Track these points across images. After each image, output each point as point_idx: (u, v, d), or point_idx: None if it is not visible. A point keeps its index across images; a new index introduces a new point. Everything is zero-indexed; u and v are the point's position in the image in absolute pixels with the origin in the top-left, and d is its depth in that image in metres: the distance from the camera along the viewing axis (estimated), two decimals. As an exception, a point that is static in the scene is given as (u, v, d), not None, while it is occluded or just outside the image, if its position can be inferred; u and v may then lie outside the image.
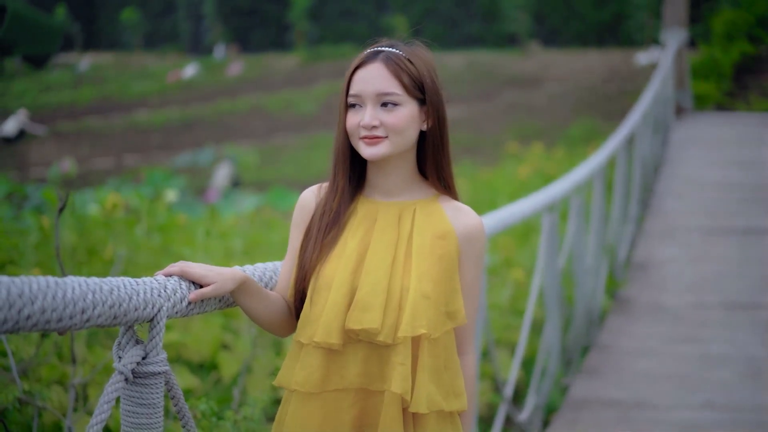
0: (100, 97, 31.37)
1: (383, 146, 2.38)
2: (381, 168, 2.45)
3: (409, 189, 2.47)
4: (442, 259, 2.40)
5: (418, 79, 2.40)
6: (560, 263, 6.52)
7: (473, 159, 18.12)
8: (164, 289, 2.09)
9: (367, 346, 2.36)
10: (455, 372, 2.41)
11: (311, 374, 2.36)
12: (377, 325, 2.32)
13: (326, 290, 2.38)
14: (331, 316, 2.35)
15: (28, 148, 24.98)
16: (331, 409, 2.38)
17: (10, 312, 1.60)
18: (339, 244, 2.43)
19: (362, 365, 2.36)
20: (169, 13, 48.24)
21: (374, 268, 2.38)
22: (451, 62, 29.33)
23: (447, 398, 2.39)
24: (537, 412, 5.90)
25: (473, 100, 25.06)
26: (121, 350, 2.03)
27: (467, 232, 2.44)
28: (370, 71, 2.38)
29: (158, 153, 23.41)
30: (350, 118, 2.41)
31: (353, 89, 2.40)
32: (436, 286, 2.37)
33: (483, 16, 35.49)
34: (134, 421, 2.03)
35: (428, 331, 2.34)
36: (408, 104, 2.39)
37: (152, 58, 40.45)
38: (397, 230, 2.43)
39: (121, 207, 10.74)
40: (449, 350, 2.41)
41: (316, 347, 2.36)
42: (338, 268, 2.39)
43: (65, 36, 42.98)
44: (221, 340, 5.88)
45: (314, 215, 2.48)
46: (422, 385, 2.35)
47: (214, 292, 2.26)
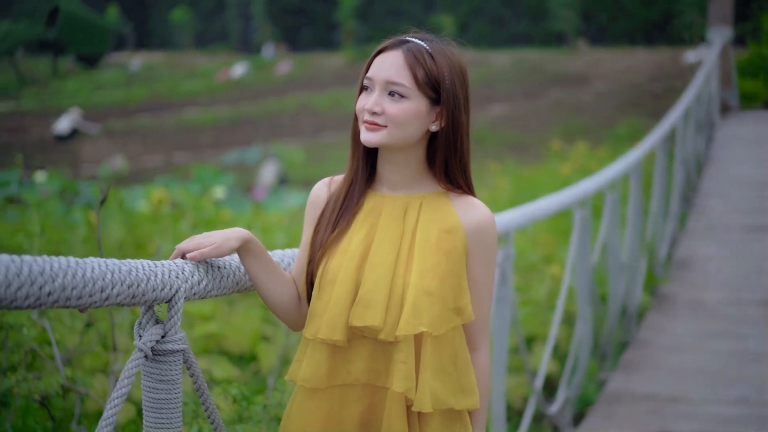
0: (151, 96, 31.71)
1: (380, 135, 2.32)
2: (388, 160, 2.40)
3: (417, 183, 2.41)
4: (448, 254, 2.33)
5: (434, 77, 2.32)
6: (593, 259, 6.56)
7: (517, 157, 18.13)
8: (182, 272, 2.20)
9: (373, 341, 2.32)
10: (465, 369, 2.35)
11: (317, 370, 2.33)
12: (378, 323, 2.28)
13: (331, 285, 2.33)
14: (335, 313, 2.31)
15: (81, 146, 25.34)
16: (336, 405, 2.35)
17: (32, 288, 1.72)
18: (345, 238, 2.38)
19: (368, 361, 2.33)
20: (220, 13, 48.60)
21: (377, 264, 2.33)
22: (497, 61, 29.30)
23: (456, 396, 2.33)
24: (568, 406, 5.95)
25: (519, 99, 25.03)
26: (141, 329, 2.14)
27: (475, 227, 2.37)
28: (388, 58, 2.33)
29: (207, 151, 23.65)
30: (360, 100, 2.37)
31: (369, 72, 2.35)
32: (441, 282, 2.31)
33: (530, 14, 35.41)
34: (154, 397, 2.15)
35: (430, 328, 2.28)
36: (415, 99, 2.31)
37: (202, 58, 40.79)
38: (402, 224, 2.37)
39: (168, 202, 10.94)
40: (458, 346, 2.34)
41: (321, 343, 2.33)
42: (343, 263, 2.34)
43: (117, 36, 43.48)
44: (261, 332, 6.00)
45: (326, 207, 2.44)
46: (425, 383, 2.29)
47: (215, 251, 2.25)
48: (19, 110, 31.24)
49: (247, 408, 3.30)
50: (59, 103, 30.52)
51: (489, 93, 25.45)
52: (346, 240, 2.38)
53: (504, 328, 4.57)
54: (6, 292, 1.67)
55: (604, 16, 34.27)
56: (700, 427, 5.64)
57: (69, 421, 4.64)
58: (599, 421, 5.78)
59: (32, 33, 38.15)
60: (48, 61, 39.74)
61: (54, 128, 26.60)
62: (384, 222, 2.38)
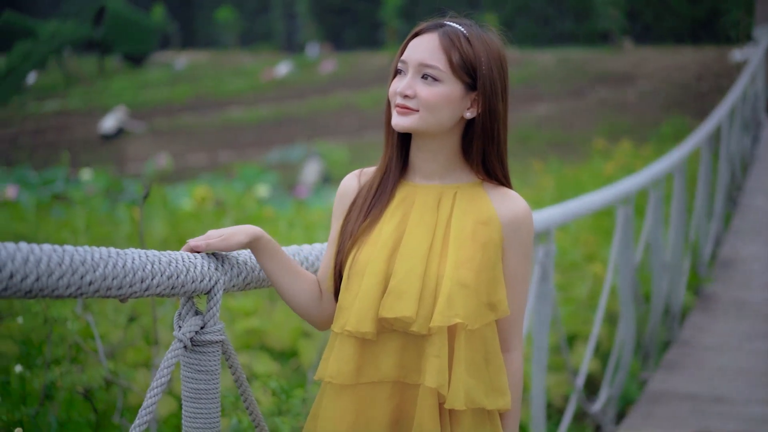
0: (195, 95, 31.91)
1: (411, 119, 2.23)
2: (421, 148, 2.30)
3: (451, 173, 2.31)
4: (484, 246, 2.24)
5: (471, 62, 2.22)
6: (636, 258, 6.52)
7: (561, 156, 18.05)
8: (221, 264, 2.22)
9: (403, 336, 2.22)
10: (498, 368, 2.25)
11: (345, 365, 2.23)
12: (411, 314, 2.18)
13: (360, 277, 2.24)
14: (365, 304, 2.21)
15: (126, 145, 25.57)
16: (366, 403, 2.25)
17: (73, 277, 1.75)
18: (376, 228, 2.29)
19: (398, 356, 2.23)
20: (264, 12, 48.81)
21: (410, 254, 2.23)
22: (542, 60, 29.18)
23: (488, 395, 2.23)
24: (610, 404, 5.93)
25: (563, 98, 24.92)
26: (181, 320, 2.17)
27: (512, 219, 2.28)
28: (423, 40, 2.25)
29: (251, 149, 23.76)
30: (393, 83, 2.28)
31: (404, 55, 2.27)
32: (476, 275, 2.21)
33: (575, 13, 35.21)
34: (193, 387, 2.17)
35: (465, 321, 2.19)
36: (450, 83, 2.22)
37: (247, 57, 40.97)
38: (435, 215, 2.27)
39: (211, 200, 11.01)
40: (491, 344, 2.25)
41: (349, 337, 2.23)
42: (373, 253, 2.25)
43: (163, 35, 43.81)
44: (302, 328, 6.02)
45: (357, 197, 2.36)
46: (459, 379, 2.19)
47: (222, 243, 2.19)
48: (65, 109, 31.58)
49: (286, 401, 3.33)
50: (105, 102, 30.80)
51: (533, 92, 25.35)
52: (376, 230, 2.29)
53: (545, 326, 4.56)
54: (48, 281, 1.70)
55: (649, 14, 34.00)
56: (742, 427, 5.59)
57: (111, 414, 4.68)
58: (640, 420, 5.75)
59: (79, 32, 38.52)
60: (94, 61, 40.11)
61: (100, 127, 26.86)
62: (417, 212, 2.28)
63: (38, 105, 32.95)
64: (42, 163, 22.73)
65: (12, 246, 1.65)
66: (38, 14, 46.26)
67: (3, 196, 12.53)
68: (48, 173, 19.73)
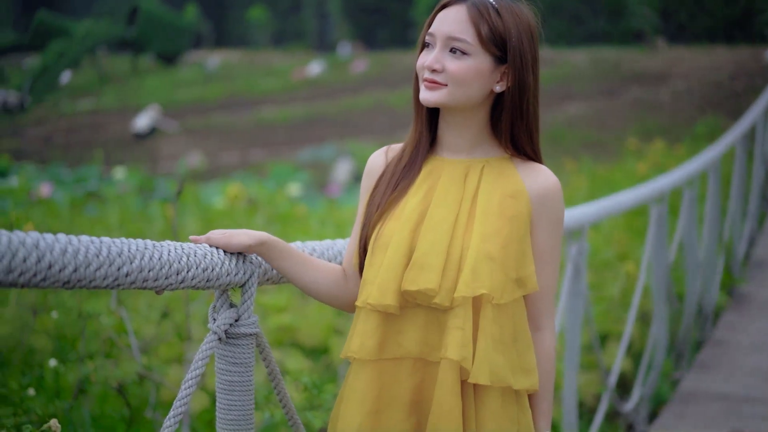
0: (228, 94, 32.04)
1: (440, 94, 2.19)
2: (449, 123, 2.26)
3: (479, 147, 2.27)
4: (512, 220, 2.18)
5: (500, 35, 2.17)
6: (669, 257, 6.49)
7: (594, 156, 17.97)
8: (255, 257, 2.23)
9: (427, 311, 2.17)
10: (526, 346, 2.19)
11: (367, 340, 2.18)
12: (434, 286, 2.13)
13: (384, 250, 2.20)
14: (387, 277, 2.16)
15: (159, 143, 25.71)
16: (388, 380, 2.19)
17: (110, 268, 1.76)
18: (401, 202, 2.24)
19: (421, 332, 2.18)
20: (296, 12, 48.96)
21: (434, 227, 2.18)
22: (575, 59, 29.07)
23: (515, 374, 2.17)
24: (643, 404, 5.90)
25: (596, 97, 24.81)
26: (215, 312, 2.18)
27: (541, 193, 2.22)
28: (451, 12, 2.19)
29: (283, 148, 23.83)
30: (421, 57, 2.24)
31: (431, 28, 2.22)
32: (503, 248, 2.16)
33: (609, 12, 35.06)
34: (227, 379, 2.18)
35: (490, 293, 2.13)
36: (478, 56, 2.17)
37: (279, 56, 41.09)
38: (462, 188, 2.23)
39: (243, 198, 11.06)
40: (519, 321, 2.19)
41: (372, 311, 2.18)
42: (397, 227, 2.20)
43: (196, 34, 44.02)
44: (333, 325, 6.04)
45: (385, 171, 2.32)
46: (484, 353, 2.13)
47: (223, 239, 2.14)
48: (99, 108, 31.80)
49: (318, 396, 3.34)
50: (138, 101, 30.99)
51: (566, 91, 25.26)
52: (402, 204, 2.25)
53: (577, 324, 4.55)
54: (86, 272, 1.71)
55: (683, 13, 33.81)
56: (777, 427, 5.55)
57: (144, 409, 4.72)
58: (673, 419, 5.72)
59: (113, 32, 38.80)
60: (128, 60, 40.37)
61: (133, 126, 27.03)
62: (443, 185, 2.24)
63: (72, 104, 33.21)
64: (76, 161, 22.92)
65: (50, 237, 1.66)
66: (72, 14, 46.63)
67: (38, 194, 12.64)
68: (82, 171, 19.87)
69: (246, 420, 2.19)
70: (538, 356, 2.24)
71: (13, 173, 17.39)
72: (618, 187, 12.43)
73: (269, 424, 3.84)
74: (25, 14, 47.85)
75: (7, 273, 1.56)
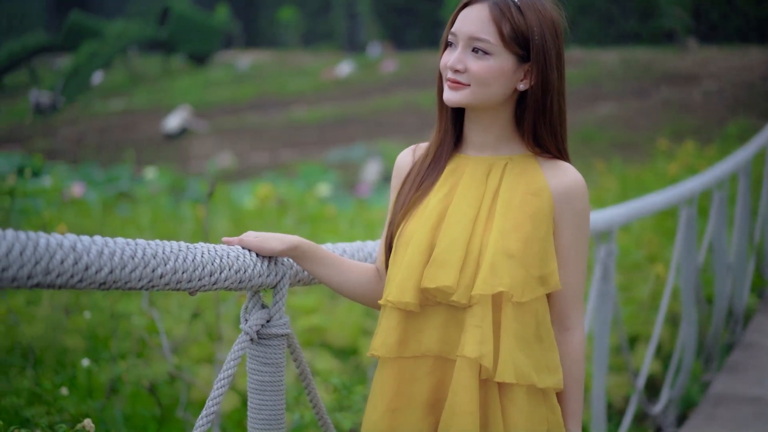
0: (258, 95, 32.15)
1: (463, 94, 2.18)
2: (474, 121, 2.26)
3: (504, 145, 2.26)
4: (533, 217, 2.17)
5: (523, 33, 2.15)
6: (699, 259, 6.47)
7: (624, 156, 17.92)
8: (287, 258, 2.27)
9: (447, 309, 2.17)
10: (549, 345, 2.18)
11: (387, 337, 2.19)
12: (451, 283, 2.13)
13: (405, 248, 2.20)
14: (407, 275, 2.16)
15: (190, 143, 25.85)
16: (407, 378, 2.19)
17: (145, 270, 1.80)
18: (425, 200, 2.25)
19: (441, 331, 2.17)
20: (326, 12, 49.04)
21: (454, 224, 2.18)
22: (605, 59, 28.98)
23: (540, 372, 2.15)
24: (672, 406, 5.89)
25: (627, 98, 24.71)
26: (247, 313, 2.21)
27: (564, 190, 2.20)
28: (473, 11, 2.18)
29: (312, 148, 23.90)
30: (444, 56, 2.23)
31: (454, 27, 2.21)
32: (524, 246, 2.14)
33: (639, 12, 34.90)
34: (259, 379, 2.22)
35: (510, 290, 2.12)
36: (501, 56, 2.16)
37: (309, 56, 41.18)
38: (484, 185, 2.22)
39: (273, 199, 11.10)
40: (542, 320, 2.17)
41: (393, 309, 2.19)
42: (419, 224, 2.21)
43: (226, 35, 44.19)
44: (362, 326, 6.07)
45: (411, 170, 2.32)
46: (508, 351, 2.11)
47: (256, 243, 2.16)
48: (130, 108, 32.00)
49: (347, 397, 3.37)
50: (169, 101, 31.16)
51: (596, 92, 25.18)
52: (425, 202, 2.25)
53: (605, 326, 4.55)
54: (121, 274, 1.75)
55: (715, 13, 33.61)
56: (807, 431, 5.53)
57: (175, 408, 4.76)
58: (702, 422, 5.70)
59: (144, 32, 39.04)
60: (159, 60, 40.58)
61: (164, 126, 27.18)
62: (465, 182, 2.23)
63: (104, 104, 33.43)
64: (108, 161, 23.09)
65: (87, 239, 1.70)
66: (104, 14, 46.94)
67: (70, 193, 12.74)
68: (113, 171, 20.02)
69: (277, 420, 2.22)
70: (568, 356, 2.23)
71: (46, 173, 17.54)
72: (648, 188, 12.39)
73: (299, 425, 3.87)
74: (58, 15, 48.24)
75: (45, 274, 1.59)
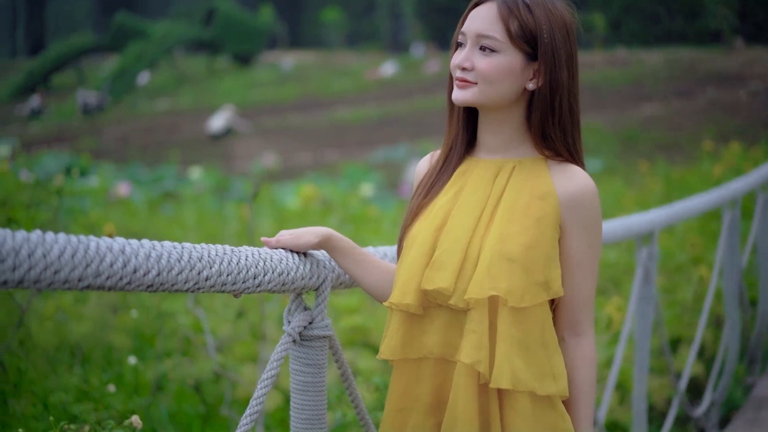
0: (302, 95, 32.30)
1: (470, 92, 2.14)
2: (485, 123, 2.22)
3: (515, 148, 2.21)
4: (538, 221, 2.11)
5: (531, 31, 2.11)
6: (743, 261, 6.44)
7: (669, 157, 17.82)
8: (329, 261, 2.31)
9: (449, 312, 2.14)
10: (554, 351, 2.12)
11: (391, 339, 2.18)
12: (447, 285, 2.10)
13: (409, 249, 2.18)
14: (409, 276, 2.14)
15: (234, 143, 26.03)
16: (411, 380, 2.18)
17: (191, 273, 1.84)
18: (433, 202, 2.23)
19: (443, 333, 2.14)
20: (370, 12, 49.15)
21: (456, 226, 2.15)
22: (650, 59, 28.82)
23: (542, 380, 2.10)
24: (714, 409, 5.87)
25: (672, 98, 24.57)
26: (290, 315, 2.26)
27: (572, 196, 2.14)
28: (482, 10, 2.16)
29: (356, 149, 23.98)
30: (454, 56, 2.19)
31: (463, 27, 2.19)
32: (526, 250, 2.09)
33: (685, 12, 34.67)
34: (301, 380, 2.26)
35: (507, 296, 2.06)
36: (508, 54, 2.12)
37: (352, 57, 41.29)
38: (490, 188, 2.18)
39: (317, 199, 11.18)
40: (546, 326, 2.12)
41: (397, 311, 2.17)
42: (423, 227, 2.18)
43: (271, 35, 44.42)
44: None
45: (425, 176, 2.30)
46: (504, 356, 2.07)
47: (292, 241, 2.18)
48: (175, 108, 32.28)
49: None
50: (214, 102, 31.39)
51: (640, 92, 25.06)
52: (432, 204, 2.23)
53: (647, 328, 4.55)
54: (168, 276, 1.79)
55: (761, 13, 33.29)
56: None
57: (219, 406, 4.82)
58: (745, 425, 5.68)
59: (190, 33, 39.34)
60: (204, 60, 40.88)
61: (209, 126, 27.38)
62: (471, 184, 2.20)
63: (149, 104, 33.75)
64: (153, 161, 23.31)
65: (135, 242, 1.75)
66: (150, 15, 47.35)
67: (116, 193, 12.90)
68: (159, 171, 20.22)
69: (318, 419, 2.27)
70: (577, 362, 2.17)
71: (93, 172, 17.75)
72: (693, 189, 12.31)
73: (342, 423, 3.92)
74: (105, 16, 48.74)
75: (96, 277, 1.64)
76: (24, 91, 38.25)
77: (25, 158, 18.17)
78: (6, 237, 1.47)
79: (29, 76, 39.27)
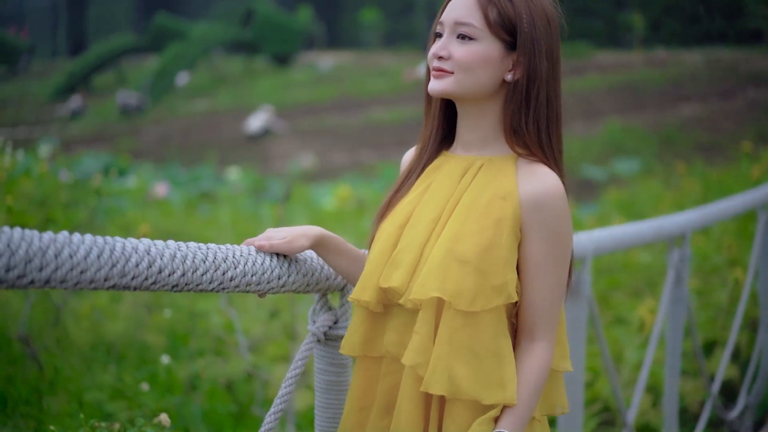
0: (339, 95, 32.36)
1: (446, 82, 2.08)
2: (463, 118, 2.15)
3: (491, 145, 2.13)
4: (498, 222, 2.02)
5: (510, 19, 2.05)
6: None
7: (707, 158, 17.69)
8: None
9: (407, 311, 2.07)
10: (506, 359, 2.01)
11: (351, 336, 2.14)
12: (399, 284, 2.04)
13: (375, 246, 2.14)
14: (369, 273, 2.09)
15: (271, 144, 26.13)
16: (371, 377, 2.14)
17: (216, 273, 1.88)
18: (402, 199, 2.18)
19: (400, 332, 2.08)
20: (407, 13, 49.14)
21: (416, 224, 2.09)
22: (689, 59, 28.62)
23: (489, 388, 1.99)
24: (748, 412, 5.84)
25: (711, 99, 24.37)
26: (315, 315, 2.29)
27: (533, 197, 2.03)
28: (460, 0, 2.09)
29: (392, 149, 23.98)
30: (432, 48, 2.13)
31: (442, 16, 2.12)
32: (483, 252, 2.00)
33: (725, 12, 34.38)
34: (326, 379, 2.29)
35: (452, 298, 1.99)
36: (486, 42, 2.05)
37: (389, 57, 41.30)
38: (456, 185, 2.11)
39: (352, 200, 11.22)
40: (498, 332, 2.01)
41: (359, 307, 2.13)
42: (388, 223, 2.14)
43: (308, 36, 44.54)
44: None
45: (402, 172, 2.26)
46: (440, 361, 1.99)
47: (286, 245, 2.09)
48: (214, 108, 32.46)
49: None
50: (252, 102, 31.53)
51: (679, 93, 24.89)
52: (403, 200, 2.18)
53: (678, 330, 4.54)
54: (193, 277, 1.83)
55: (803, 13, 32.99)
56: None
57: (251, 406, 4.86)
58: (779, 428, 5.65)
59: (228, 34, 39.53)
60: (242, 61, 41.05)
61: (246, 126, 27.50)
62: (438, 181, 2.13)
63: (188, 104, 33.96)
64: (191, 161, 23.45)
65: (161, 244, 1.78)
66: (189, 16, 47.64)
67: (153, 194, 13.00)
68: (197, 171, 20.34)
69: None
70: (525, 366, 2.05)
71: (132, 172, 17.89)
72: (730, 191, 12.21)
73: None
74: (145, 17, 49.10)
75: (121, 277, 1.68)
76: (65, 91, 38.60)
77: (64, 158, 18.35)
78: (33, 238, 1.51)
79: (70, 76, 39.62)
